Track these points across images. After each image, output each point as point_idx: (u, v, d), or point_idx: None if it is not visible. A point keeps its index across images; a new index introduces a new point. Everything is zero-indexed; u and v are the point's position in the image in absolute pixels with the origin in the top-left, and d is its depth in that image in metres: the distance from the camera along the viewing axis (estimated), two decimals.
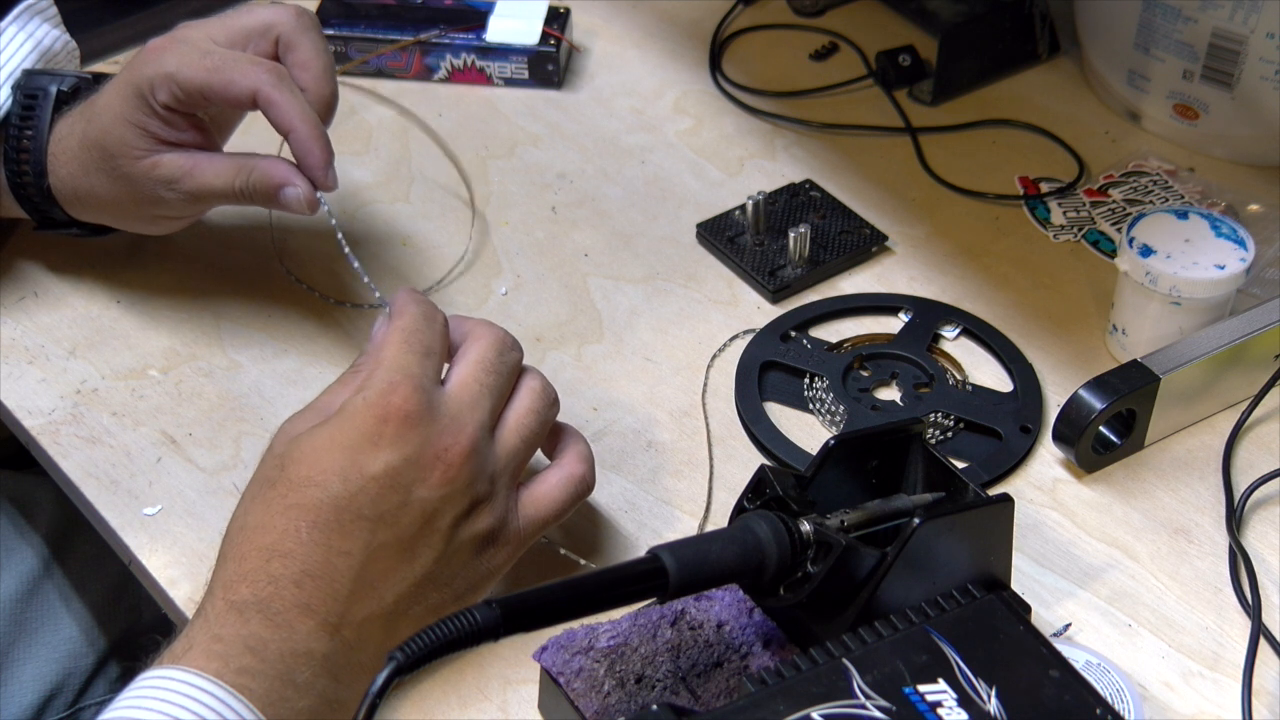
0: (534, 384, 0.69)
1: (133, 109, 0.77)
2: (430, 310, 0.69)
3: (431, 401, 0.64)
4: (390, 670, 0.52)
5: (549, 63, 1.04)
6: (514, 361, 0.69)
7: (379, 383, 0.64)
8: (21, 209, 0.84)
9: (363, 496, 0.62)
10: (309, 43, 0.78)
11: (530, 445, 0.68)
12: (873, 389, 0.83)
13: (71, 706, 0.93)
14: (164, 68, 0.76)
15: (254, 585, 0.60)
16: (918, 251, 0.92)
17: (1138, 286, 0.81)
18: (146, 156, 0.78)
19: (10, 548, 0.94)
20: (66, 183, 0.81)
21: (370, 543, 0.62)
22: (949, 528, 0.63)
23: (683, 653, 0.65)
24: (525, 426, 0.68)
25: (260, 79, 0.75)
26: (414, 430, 0.63)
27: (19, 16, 0.85)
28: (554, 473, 0.69)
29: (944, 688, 0.56)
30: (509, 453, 0.66)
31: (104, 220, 0.84)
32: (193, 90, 0.76)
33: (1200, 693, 0.69)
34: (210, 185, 0.78)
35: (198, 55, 0.76)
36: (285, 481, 0.63)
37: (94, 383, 0.83)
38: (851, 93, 1.05)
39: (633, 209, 0.96)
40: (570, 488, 0.69)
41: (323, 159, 0.76)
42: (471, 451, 0.64)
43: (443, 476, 0.63)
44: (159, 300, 0.88)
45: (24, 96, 0.82)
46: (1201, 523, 0.76)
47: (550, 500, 0.68)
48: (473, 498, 0.64)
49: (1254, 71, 0.94)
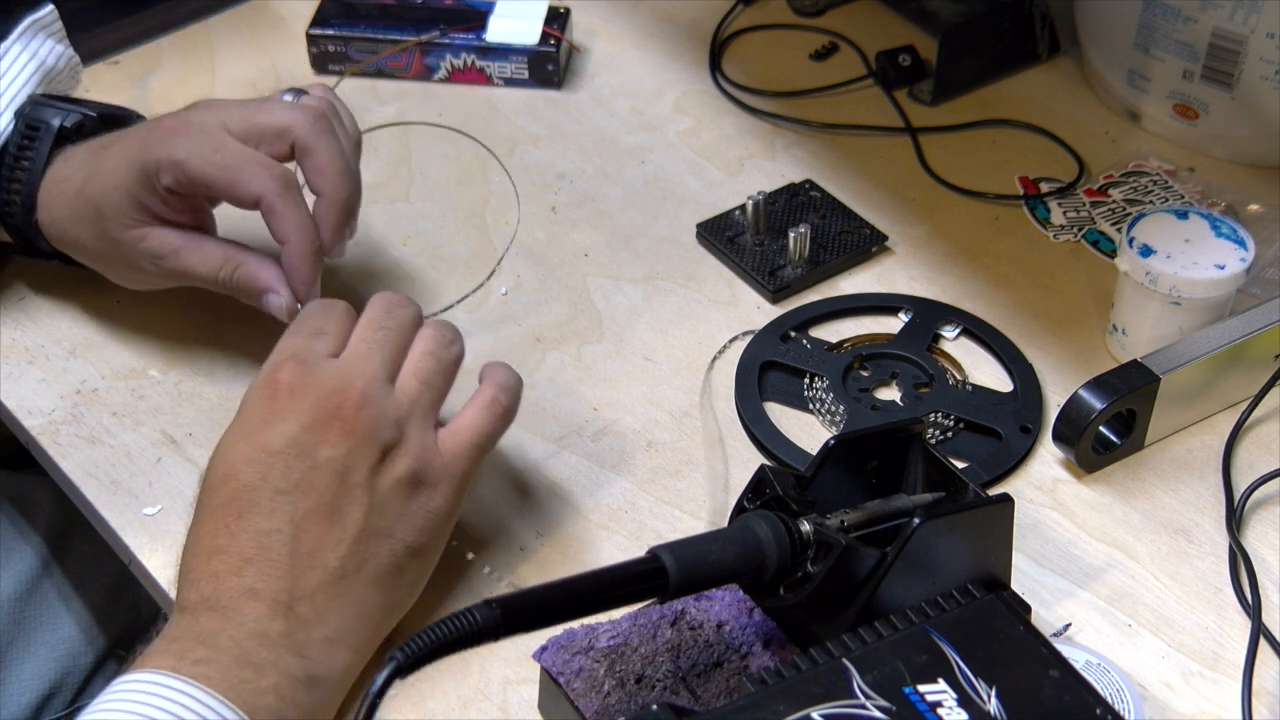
0: (429, 330, 0.70)
1: (134, 182, 0.77)
2: (328, 301, 0.71)
3: (317, 370, 0.66)
4: (390, 670, 0.52)
5: (549, 63, 1.04)
6: (405, 317, 0.70)
7: (266, 368, 0.67)
8: (6, 231, 0.84)
9: (273, 473, 0.63)
10: (325, 148, 0.77)
11: (433, 386, 0.69)
12: (873, 389, 0.83)
13: (70, 705, 0.93)
14: (174, 154, 0.76)
15: (199, 587, 0.62)
16: (918, 251, 0.92)
17: (1138, 286, 0.81)
18: (137, 228, 0.78)
19: (10, 547, 0.94)
20: (56, 224, 0.81)
21: (294, 515, 0.63)
22: (949, 528, 0.63)
23: (683, 653, 0.65)
24: (422, 369, 0.68)
25: (267, 186, 0.75)
26: (303, 398, 0.65)
27: (24, 34, 0.85)
28: (468, 404, 0.70)
29: (944, 688, 0.56)
30: (411, 396, 0.67)
31: (87, 264, 0.84)
32: (198, 182, 0.76)
33: (1200, 693, 0.69)
34: (194, 270, 0.79)
35: (210, 148, 0.76)
36: (208, 488, 0.65)
37: (94, 383, 0.83)
38: (851, 93, 1.05)
39: (633, 209, 0.96)
40: (484, 412, 0.69)
41: (309, 278, 0.77)
42: (363, 401, 0.65)
43: (341, 430, 0.64)
44: (159, 300, 0.88)
45: (25, 127, 0.82)
46: (1201, 523, 0.76)
47: (467, 427, 0.68)
48: (381, 445, 0.65)
49: (1254, 71, 0.94)
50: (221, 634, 0.60)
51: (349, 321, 0.70)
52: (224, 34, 1.09)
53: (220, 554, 0.62)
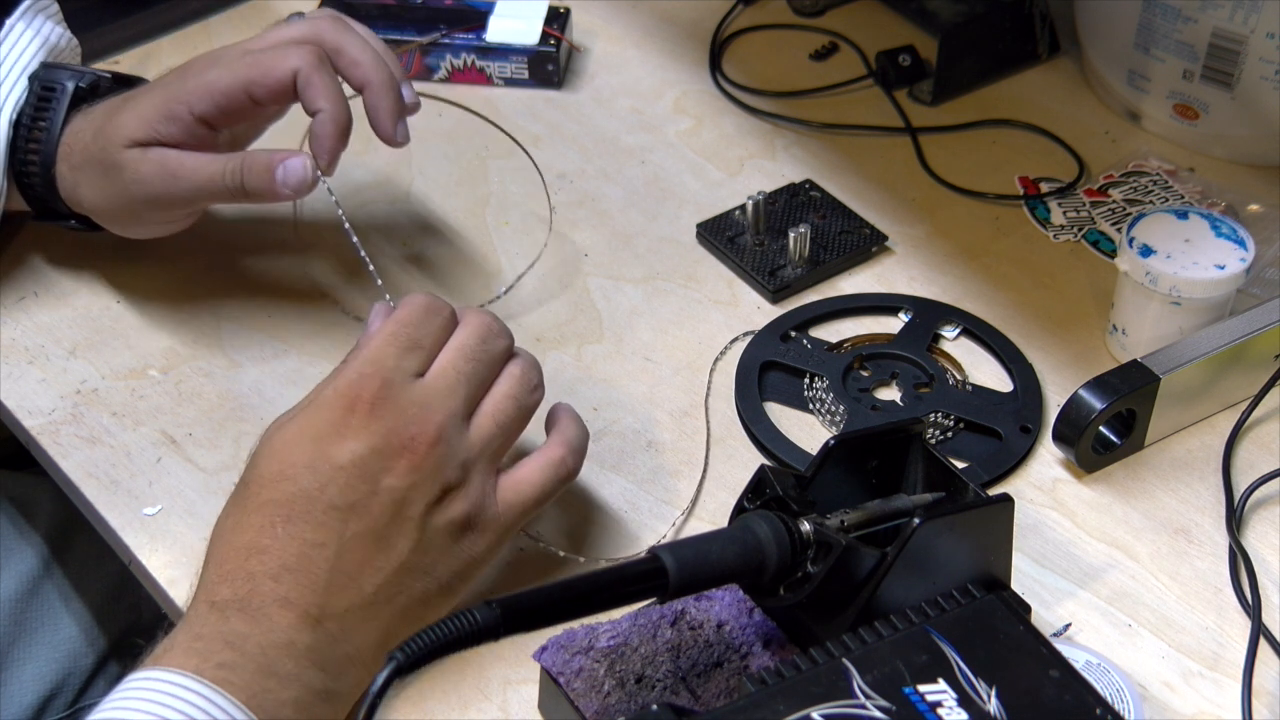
0: (515, 370, 0.69)
1: (157, 112, 0.77)
2: (433, 305, 0.68)
3: (400, 392, 0.64)
4: (390, 670, 0.52)
5: (549, 63, 1.04)
6: (498, 349, 0.69)
7: (350, 373, 0.65)
8: (23, 199, 0.84)
9: (332, 488, 0.62)
10: (351, 42, 0.78)
11: (507, 431, 0.68)
12: (873, 389, 0.83)
13: (71, 706, 0.93)
14: (204, 78, 0.76)
15: (233, 584, 0.61)
16: (918, 251, 0.92)
17: (1138, 286, 0.81)
18: (137, 148, 0.78)
19: (10, 548, 0.94)
20: (70, 176, 0.81)
21: (343, 534, 0.62)
22: (949, 528, 0.63)
23: (683, 653, 0.65)
24: (502, 412, 0.67)
25: (303, 59, 0.76)
26: (379, 420, 0.63)
27: (25, 13, 0.85)
28: (535, 457, 0.69)
29: (944, 688, 0.56)
30: (484, 438, 0.66)
31: (94, 217, 0.84)
32: (236, 90, 0.76)
33: (1200, 693, 0.69)
34: (195, 174, 0.78)
35: (236, 56, 0.77)
36: (258, 479, 0.63)
37: (94, 383, 0.83)
38: (851, 93, 1.05)
39: (633, 209, 0.96)
40: (549, 471, 0.68)
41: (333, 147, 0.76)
42: (438, 439, 0.64)
43: (409, 464, 0.63)
44: (159, 300, 0.88)
45: (41, 88, 0.82)
46: (1201, 523, 0.76)
47: (529, 484, 0.67)
48: (443, 485, 0.64)
49: (1254, 71, 0.94)
50: (249, 639, 0.59)
51: (446, 335, 0.68)
52: (224, 34, 1.09)
53: (261, 554, 0.61)
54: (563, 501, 0.77)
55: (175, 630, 0.61)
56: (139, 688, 0.58)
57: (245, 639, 0.59)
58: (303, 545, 0.61)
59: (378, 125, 0.79)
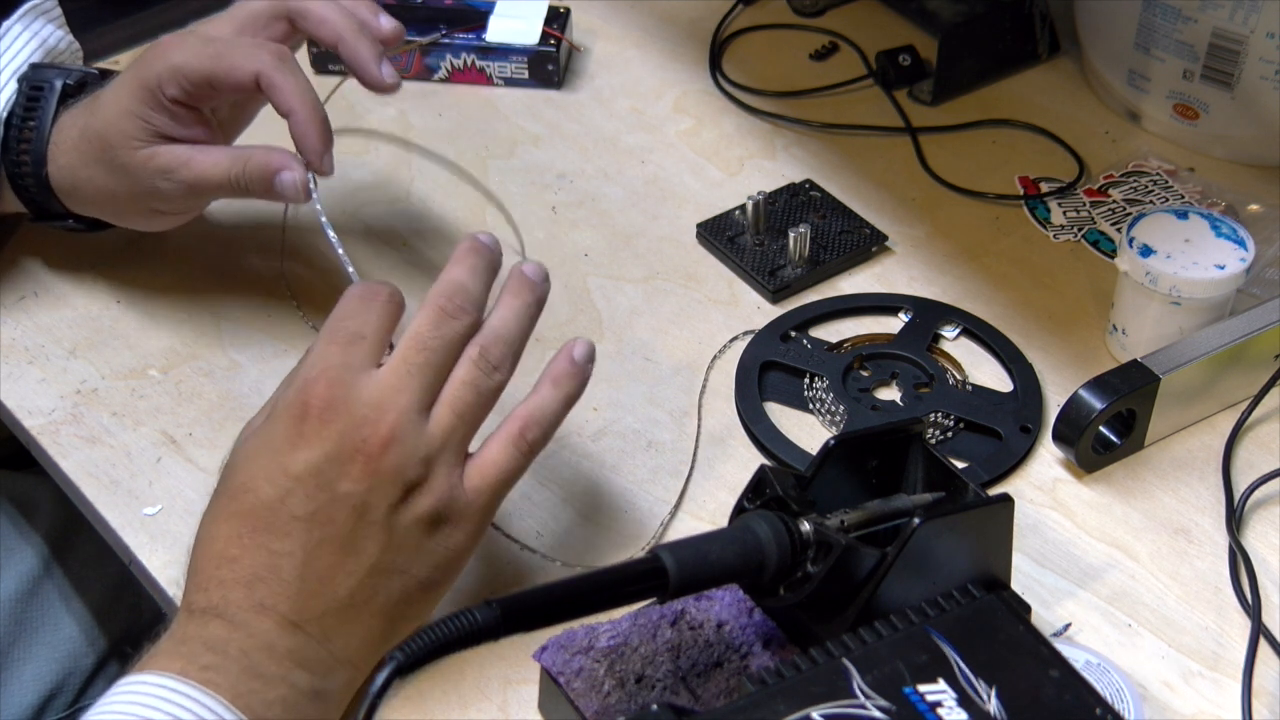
0: (473, 351, 0.65)
1: (138, 102, 0.77)
2: (368, 291, 0.66)
3: (350, 392, 0.63)
4: (390, 670, 0.52)
5: (549, 63, 1.04)
6: (454, 332, 0.65)
7: (298, 379, 0.64)
8: (18, 200, 0.84)
9: (291, 498, 0.61)
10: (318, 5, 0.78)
11: (467, 421, 0.65)
12: (873, 389, 0.83)
13: (71, 706, 0.93)
14: (170, 61, 0.76)
15: (208, 592, 0.61)
16: (918, 251, 0.92)
17: (1138, 286, 0.81)
18: (145, 148, 0.78)
19: (10, 548, 0.94)
20: (65, 173, 0.81)
21: (307, 542, 0.61)
22: (949, 528, 0.63)
23: (683, 653, 0.65)
24: (459, 400, 0.64)
25: (262, 61, 0.75)
26: (330, 425, 0.62)
27: (24, 16, 0.85)
28: (495, 435, 0.66)
29: (944, 688, 0.56)
30: (444, 430, 0.64)
31: (100, 214, 0.84)
32: (199, 80, 0.76)
33: (1200, 693, 0.69)
34: (207, 176, 0.77)
35: (201, 45, 0.76)
36: (227, 490, 0.63)
37: (94, 383, 0.83)
38: (851, 93, 1.05)
39: (633, 209, 0.96)
40: (510, 448, 0.66)
41: (319, 145, 0.76)
42: (391, 439, 0.62)
43: (364, 469, 0.62)
44: (159, 300, 0.88)
45: (29, 88, 0.82)
46: (1201, 523, 0.76)
47: (493, 465, 0.65)
48: (404, 484, 0.62)
49: (1254, 71, 0.94)
50: (230, 643, 0.59)
51: (389, 318, 0.66)
52: None
53: (232, 563, 0.61)
54: (562, 501, 0.77)
55: (162, 637, 0.61)
56: (127, 691, 0.58)
57: (226, 643, 0.59)
58: (270, 555, 0.61)
59: (360, 75, 0.78)
